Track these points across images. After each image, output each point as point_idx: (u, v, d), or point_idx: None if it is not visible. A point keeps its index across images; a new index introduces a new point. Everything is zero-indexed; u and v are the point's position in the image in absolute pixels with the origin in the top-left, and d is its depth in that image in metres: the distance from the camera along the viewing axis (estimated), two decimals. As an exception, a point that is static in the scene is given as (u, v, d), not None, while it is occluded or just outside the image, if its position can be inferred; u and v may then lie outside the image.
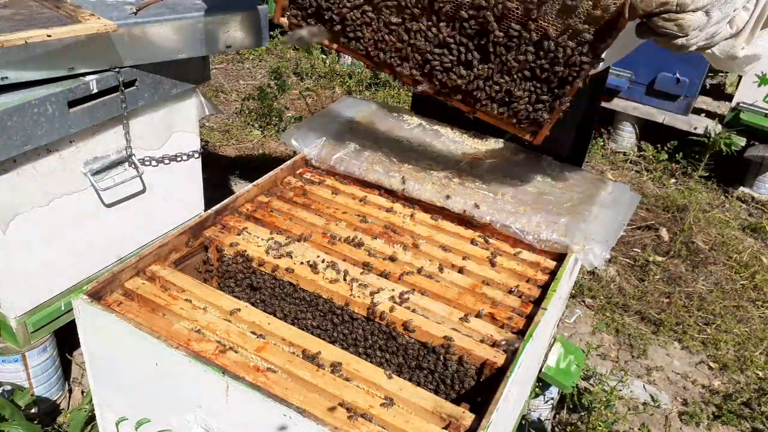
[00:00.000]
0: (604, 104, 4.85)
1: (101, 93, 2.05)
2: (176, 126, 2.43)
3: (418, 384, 1.45)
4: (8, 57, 1.79)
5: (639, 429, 2.72)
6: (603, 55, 1.49)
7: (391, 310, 1.47)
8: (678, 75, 4.65)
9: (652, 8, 1.29)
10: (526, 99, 1.59)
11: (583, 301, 3.51)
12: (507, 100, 1.61)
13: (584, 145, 2.21)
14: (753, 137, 4.56)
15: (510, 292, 1.58)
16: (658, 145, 5.09)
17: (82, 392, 2.55)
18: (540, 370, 2.06)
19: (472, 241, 1.75)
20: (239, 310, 1.42)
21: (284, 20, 1.73)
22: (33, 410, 2.32)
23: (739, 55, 1.42)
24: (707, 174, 4.81)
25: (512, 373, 1.26)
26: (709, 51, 1.43)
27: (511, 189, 1.89)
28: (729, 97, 4.94)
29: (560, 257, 1.69)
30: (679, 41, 1.33)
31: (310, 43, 1.73)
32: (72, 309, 1.41)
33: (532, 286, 1.61)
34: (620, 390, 2.73)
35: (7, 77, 1.83)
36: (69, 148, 2.07)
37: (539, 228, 1.71)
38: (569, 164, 2.06)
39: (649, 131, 5.13)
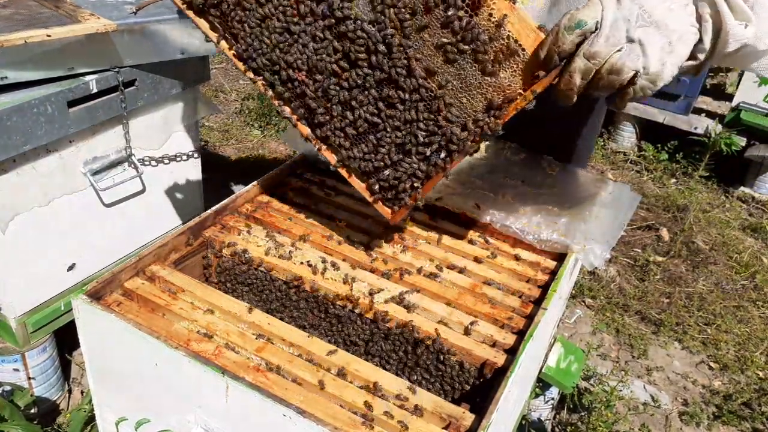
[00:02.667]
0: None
1: (101, 93, 2.05)
2: (176, 126, 2.43)
3: (418, 383, 1.45)
4: (8, 57, 1.79)
5: (639, 429, 2.72)
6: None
7: (391, 310, 1.47)
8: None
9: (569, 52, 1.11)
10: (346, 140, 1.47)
11: (584, 301, 3.51)
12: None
13: (590, 146, 2.20)
14: (753, 137, 4.56)
15: (510, 291, 1.57)
16: (659, 145, 5.09)
17: (82, 392, 2.55)
18: (540, 370, 2.05)
19: (472, 241, 1.75)
20: (239, 310, 1.42)
21: None
22: (32, 410, 2.32)
23: (761, 47, 1.18)
24: (707, 174, 4.81)
25: (512, 374, 1.26)
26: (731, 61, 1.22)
27: (511, 189, 1.88)
28: (729, 97, 4.94)
29: (560, 257, 1.69)
30: (646, 82, 1.13)
31: None
32: (71, 309, 1.41)
33: (532, 286, 1.60)
34: (620, 390, 2.73)
35: (6, 77, 1.83)
36: (69, 148, 2.07)
37: (539, 228, 1.71)
38: (572, 164, 2.05)
39: (649, 131, 5.13)
